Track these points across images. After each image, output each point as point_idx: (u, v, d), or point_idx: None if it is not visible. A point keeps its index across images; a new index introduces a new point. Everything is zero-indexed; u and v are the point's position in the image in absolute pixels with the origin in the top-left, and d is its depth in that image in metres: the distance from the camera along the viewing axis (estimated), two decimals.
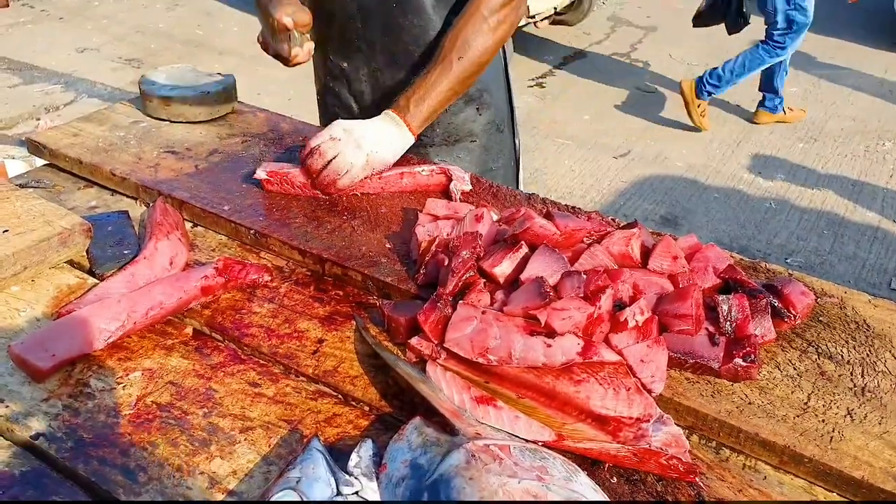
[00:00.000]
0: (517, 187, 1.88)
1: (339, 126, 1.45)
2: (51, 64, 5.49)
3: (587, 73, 5.70)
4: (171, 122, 1.74)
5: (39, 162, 1.69)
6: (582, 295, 1.06)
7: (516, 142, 1.89)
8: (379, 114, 1.53)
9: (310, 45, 1.54)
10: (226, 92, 1.77)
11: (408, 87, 1.52)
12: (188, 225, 1.43)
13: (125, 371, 1.08)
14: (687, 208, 4.03)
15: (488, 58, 1.55)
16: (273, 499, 0.82)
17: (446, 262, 1.16)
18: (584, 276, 1.07)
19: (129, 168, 1.54)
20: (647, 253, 1.18)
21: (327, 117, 1.80)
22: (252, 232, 1.37)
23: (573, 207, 1.31)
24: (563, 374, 0.98)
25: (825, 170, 4.44)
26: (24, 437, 0.97)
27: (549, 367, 0.99)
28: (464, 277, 1.13)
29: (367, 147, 1.44)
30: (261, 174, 1.45)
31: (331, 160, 1.42)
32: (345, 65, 1.71)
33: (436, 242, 1.23)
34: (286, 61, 1.53)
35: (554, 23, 6.14)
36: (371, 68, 1.68)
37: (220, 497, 0.90)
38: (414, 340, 1.08)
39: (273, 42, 1.51)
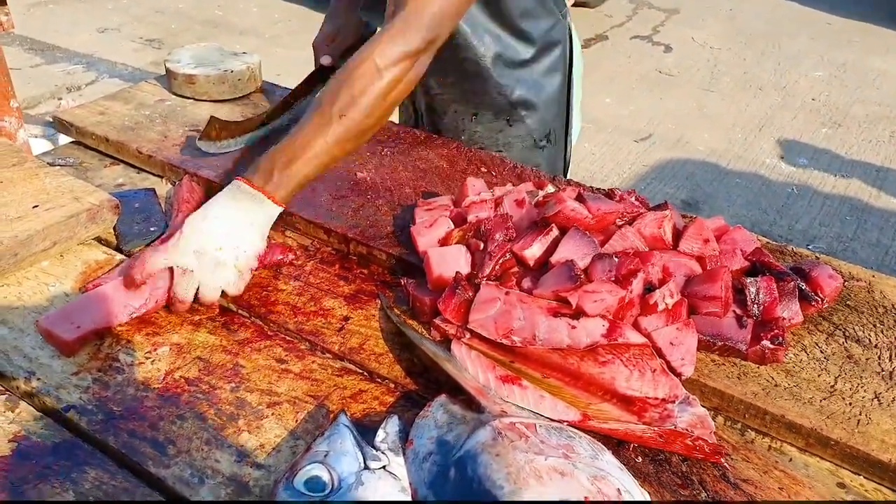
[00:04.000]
0: None
1: (187, 251, 1.14)
2: (72, 44, 5.50)
3: (608, 55, 5.65)
4: (196, 100, 1.74)
5: (62, 141, 1.71)
6: (613, 278, 1.05)
7: (566, 157, 1.80)
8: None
9: None
10: (250, 71, 1.77)
11: (273, 148, 1.22)
12: None
13: (153, 346, 1.09)
14: (708, 193, 3.99)
15: (375, 122, 1.23)
16: (301, 471, 0.82)
17: (481, 247, 1.16)
18: (616, 260, 1.07)
19: (156, 146, 1.55)
20: (677, 235, 1.18)
21: None
22: None
23: (610, 190, 1.30)
24: (589, 355, 0.98)
25: (849, 155, 4.38)
26: (56, 409, 0.99)
27: (574, 348, 0.99)
28: (500, 261, 1.13)
29: (231, 257, 1.16)
30: None
31: (196, 296, 1.15)
32: None
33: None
34: None
35: (575, 5, 6.08)
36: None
37: (248, 470, 0.91)
38: (438, 319, 1.09)
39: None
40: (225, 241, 1.16)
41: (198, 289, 1.14)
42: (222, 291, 1.16)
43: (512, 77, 1.61)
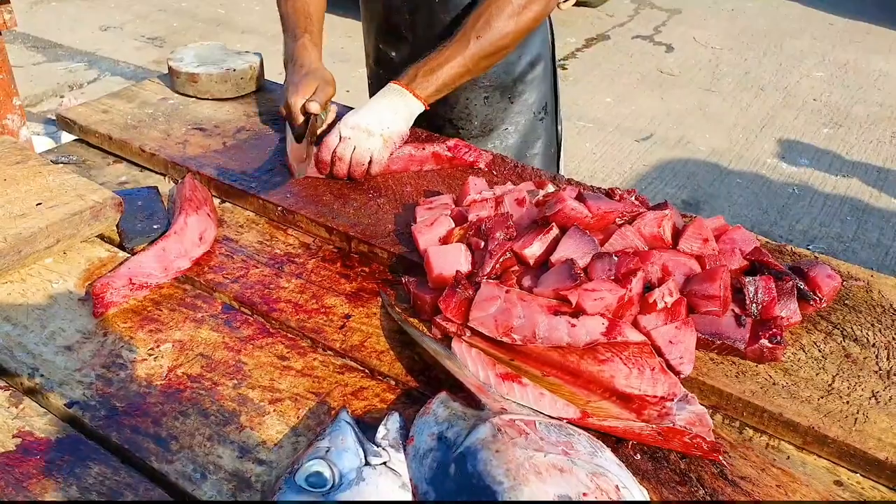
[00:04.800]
0: (558, 172, 1.91)
1: (345, 126, 1.44)
2: (74, 42, 5.51)
3: (610, 55, 5.65)
4: (199, 98, 1.75)
5: (65, 138, 1.72)
6: (613, 277, 1.06)
7: (558, 128, 1.90)
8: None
9: (332, 113, 1.57)
10: (252, 69, 1.78)
11: (420, 60, 1.52)
12: (216, 201, 1.45)
13: (156, 343, 1.10)
14: (709, 193, 4.00)
15: (508, 43, 1.53)
16: (303, 467, 0.83)
17: (481, 245, 1.16)
18: (616, 259, 1.08)
19: (158, 144, 1.56)
20: (676, 234, 1.18)
21: None
22: (280, 209, 1.38)
23: (610, 189, 1.31)
24: (588, 353, 0.99)
25: (850, 156, 4.38)
26: (59, 405, 0.99)
27: (574, 346, 0.99)
28: (501, 259, 1.13)
29: (377, 129, 1.44)
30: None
31: (351, 157, 1.43)
32: (393, 53, 1.74)
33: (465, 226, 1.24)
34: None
35: (577, 4, 6.07)
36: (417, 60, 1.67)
37: (250, 466, 0.92)
38: (439, 317, 1.09)
39: (292, 121, 1.49)
40: (373, 120, 1.45)
41: (352, 153, 1.43)
42: (370, 162, 1.44)
43: (515, 52, 1.67)
